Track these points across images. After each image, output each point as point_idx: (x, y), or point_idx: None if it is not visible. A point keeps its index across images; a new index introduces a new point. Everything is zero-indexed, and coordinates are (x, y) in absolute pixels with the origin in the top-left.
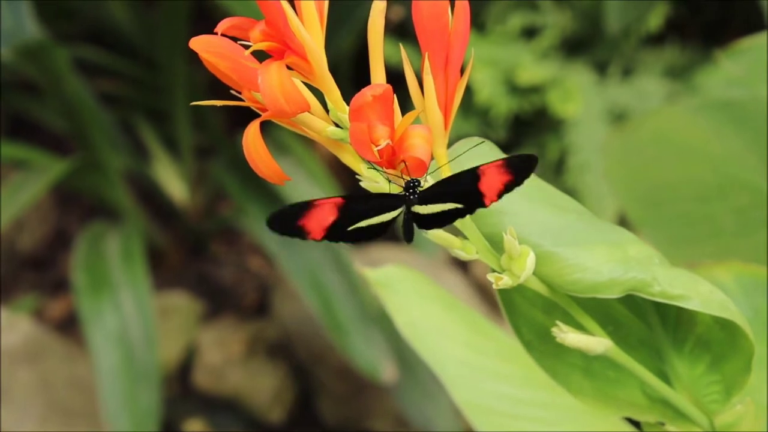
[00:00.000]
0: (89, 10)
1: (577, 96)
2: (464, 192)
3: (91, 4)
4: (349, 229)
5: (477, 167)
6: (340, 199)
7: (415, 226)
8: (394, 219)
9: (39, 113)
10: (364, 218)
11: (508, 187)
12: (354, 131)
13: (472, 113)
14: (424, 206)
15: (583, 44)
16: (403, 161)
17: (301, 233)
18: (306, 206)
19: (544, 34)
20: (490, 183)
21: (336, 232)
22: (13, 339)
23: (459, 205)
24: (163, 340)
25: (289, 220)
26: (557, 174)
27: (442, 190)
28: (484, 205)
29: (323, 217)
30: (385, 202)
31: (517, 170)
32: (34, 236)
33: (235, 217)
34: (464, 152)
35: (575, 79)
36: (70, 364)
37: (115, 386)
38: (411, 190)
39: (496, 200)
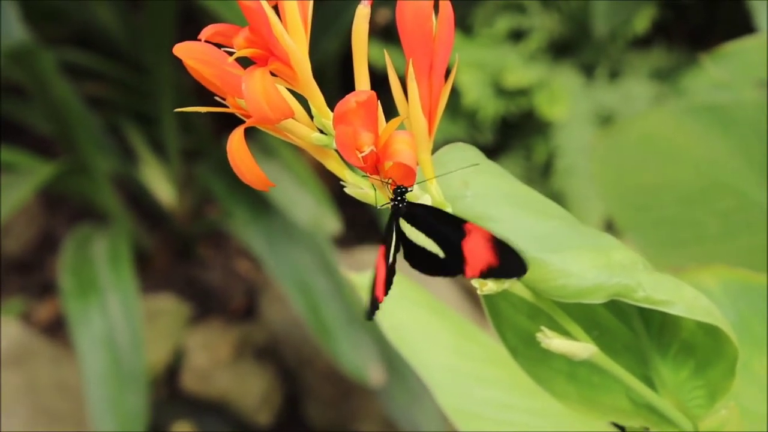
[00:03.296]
0: (76, 13)
1: (564, 98)
2: (447, 240)
3: (77, 7)
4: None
5: (464, 221)
6: (381, 247)
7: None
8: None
9: (26, 116)
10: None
11: (491, 272)
12: (340, 135)
13: (459, 116)
14: (410, 228)
15: (570, 47)
16: (389, 177)
17: (378, 305)
18: (373, 282)
19: (531, 37)
20: (475, 252)
21: (389, 279)
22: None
23: (441, 253)
24: (150, 343)
25: (374, 303)
26: (544, 177)
27: (428, 219)
28: (465, 275)
29: (380, 275)
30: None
31: (506, 263)
32: (21, 239)
33: (223, 220)
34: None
35: (562, 82)
36: (57, 368)
37: (102, 389)
38: (399, 197)
39: (477, 277)
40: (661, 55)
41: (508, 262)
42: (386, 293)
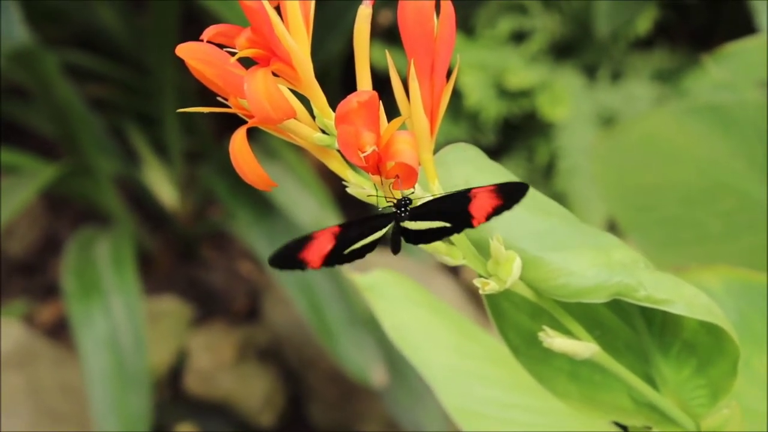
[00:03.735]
0: (78, 14)
1: (566, 100)
2: (454, 212)
3: (79, 9)
4: (345, 252)
5: (469, 189)
6: (336, 228)
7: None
8: (385, 233)
9: (28, 118)
10: (358, 240)
11: (497, 211)
12: (342, 134)
13: (461, 117)
14: (413, 222)
15: (572, 48)
16: (395, 176)
17: (301, 265)
18: (305, 240)
19: (533, 38)
20: (480, 205)
21: (332, 259)
22: (3, 344)
23: (447, 224)
24: (153, 344)
25: (289, 256)
26: (546, 178)
27: (433, 209)
28: (471, 226)
29: (321, 247)
30: (378, 222)
31: (508, 196)
32: (24, 241)
33: (225, 222)
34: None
35: (564, 83)
36: (60, 369)
37: (105, 391)
38: (403, 208)
39: (484, 221)
40: (662, 56)
41: (511, 194)
42: (319, 267)
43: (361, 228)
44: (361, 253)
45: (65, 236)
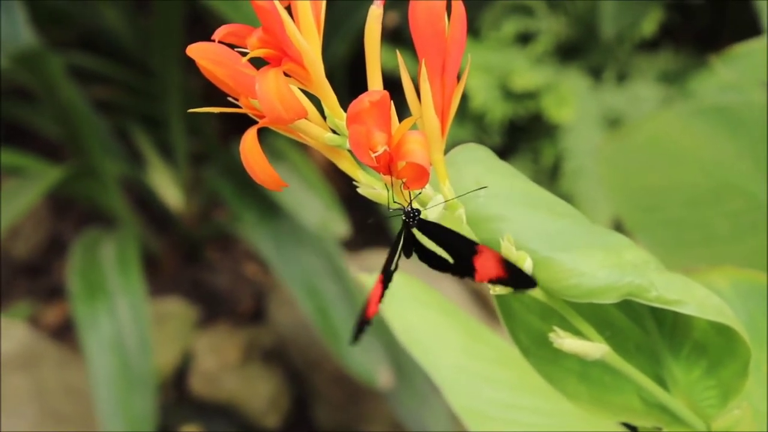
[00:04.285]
0: (83, 16)
1: (572, 101)
2: (459, 254)
3: (85, 11)
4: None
5: (476, 244)
6: (380, 276)
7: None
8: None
9: (33, 120)
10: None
11: (498, 281)
12: (353, 134)
13: (467, 119)
14: (421, 234)
15: (578, 50)
16: (404, 183)
17: (369, 322)
18: (365, 308)
19: (538, 40)
20: (485, 264)
21: (384, 293)
22: (7, 345)
23: (450, 260)
24: (158, 346)
25: (362, 326)
26: (552, 179)
27: (441, 235)
28: (473, 279)
29: (375, 297)
30: (398, 240)
31: (514, 279)
32: (29, 243)
33: (230, 224)
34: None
35: (570, 85)
36: (65, 371)
37: (110, 392)
38: (411, 218)
39: (485, 282)
40: (668, 57)
41: (517, 278)
42: (377, 310)
43: (392, 257)
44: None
45: (70, 238)
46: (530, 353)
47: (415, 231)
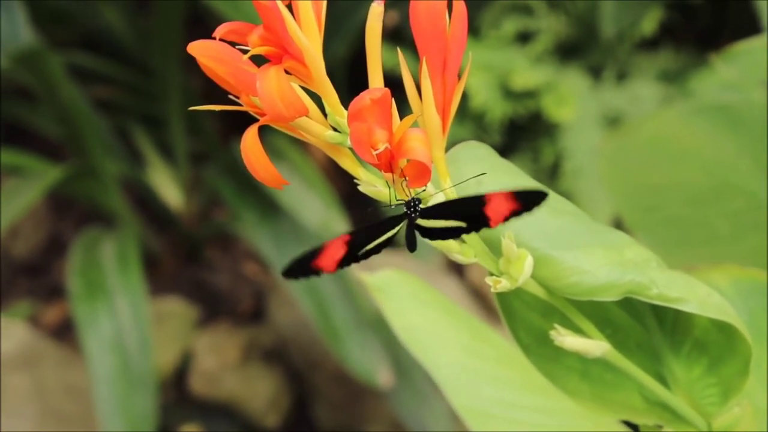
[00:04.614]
0: (84, 16)
1: (572, 100)
2: (469, 214)
3: (85, 11)
4: (359, 254)
5: (483, 195)
6: (346, 236)
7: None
8: (397, 232)
9: (34, 120)
10: (370, 242)
11: (515, 214)
12: (354, 131)
13: (467, 118)
14: (427, 221)
15: (578, 49)
16: (403, 175)
17: (316, 272)
18: (316, 251)
19: (538, 39)
20: (497, 208)
21: (347, 261)
22: (7, 345)
23: (462, 224)
24: (158, 345)
25: (304, 266)
26: (552, 178)
27: (446, 211)
28: (489, 226)
29: (334, 254)
30: (388, 225)
31: (526, 201)
32: (29, 242)
33: (230, 223)
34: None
35: (570, 84)
36: (65, 370)
37: (110, 392)
38: (413, 209)
39: (502, 223)
40: (668, 56)
41: (529, 198)
42: (334, 270)
43: (372, 233)
44: (375, 252)
45: (70, 237)
46: (531, 351)
47: (420, 222)
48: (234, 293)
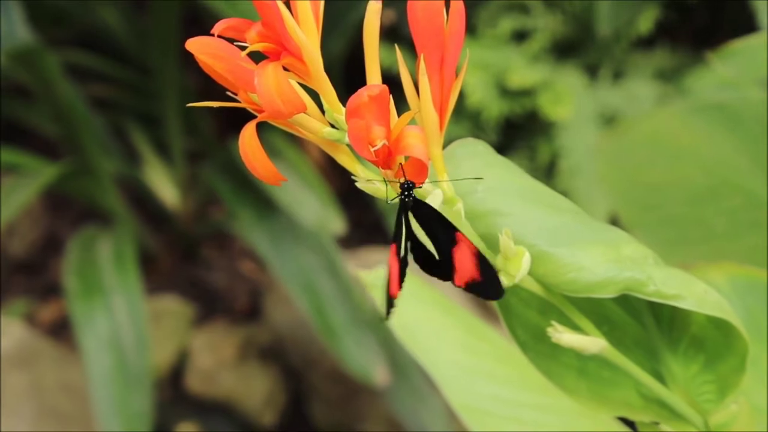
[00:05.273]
0: (80, 15)
1: (568, 99)
2: (441, 245)
3: (82, 9)
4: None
5: (456, 230)
6: (392, 245)
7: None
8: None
9: (30, 118)
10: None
11: (472, 286)
12: (352, 128)
13: (463, 116)
14: (414, 221)
15: (574, 47)
16: (400, 166)
17: (394, 302)
18: (387, 283)
19: (534, 38)
20: (462, 262)
21: (403, 271)
22: (4, 343)
23: (436, 255)
24: (155, 344)
25: (391, 302)
26: (548, 177)
27: (430, 216)
28: (454, 283)
29: (394, 272)
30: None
31: (485, 284)
32: (26, 241)
33: (227, 222)
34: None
35: (566, 82)
36: (62, 369)
37: (107, 390)
38: (407, 191)
39: (462, 288)
40: (664, 55)
41: (488, 282)
42: (400, 287)
43: (401, 230)
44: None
45: (67, 236)
46: (528, 348)
47: (410, 217)
48: (231, 291)
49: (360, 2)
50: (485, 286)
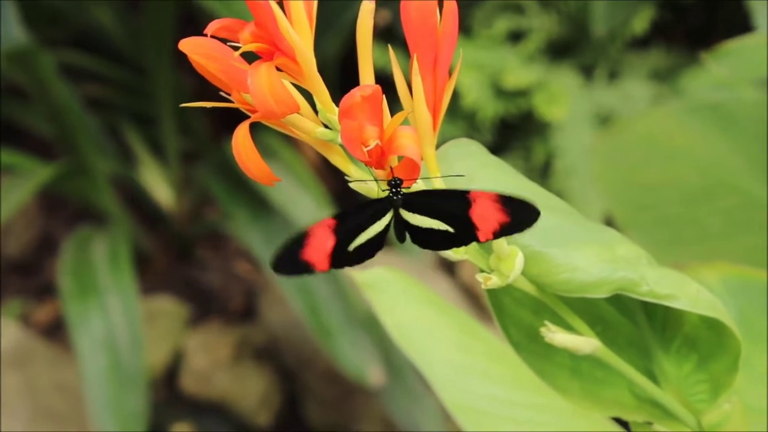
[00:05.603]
0: (75, 15)
1: (563, 99)
2: (454, 215)
3: (77, 10)
4: (351, 249)
5: (468, 192)
6: (330, 220)
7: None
8: (389, 225)
9: (25, 118)
10: (360, 232)
11: (504, 231)
12: (345, 129)
13: (458, 117)
14: (412, 215)
15: (569, 48)
16: (391, 166)
17: (307, 269)
18: (302, 237)
19: (530, 38)
20: (484, 216)
21: (339, 257)
22: None
23: (450, 228)
24: (149, 344)
25: (293, 258)
26: (543, 177)
27: (428, 201)
28: (479, 240)
29: (322, 244)
30: (375, 208)
31: (517, 216)
32: (20, 241)
33: (222, 222)
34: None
35: (561, 83)
36: (57, 369)
37: (101, 391)
38: (395, 189)
39: (491, 239)
40: (659, 55)
41: (520, 212)
42: (327, 269)
43: (359, 217)
44: (370, 249)
45: (61, 236)
46: (521, 348)
47: (403, 212)
48: (225, 292)
49: (354, 2)
50: (519, 219)
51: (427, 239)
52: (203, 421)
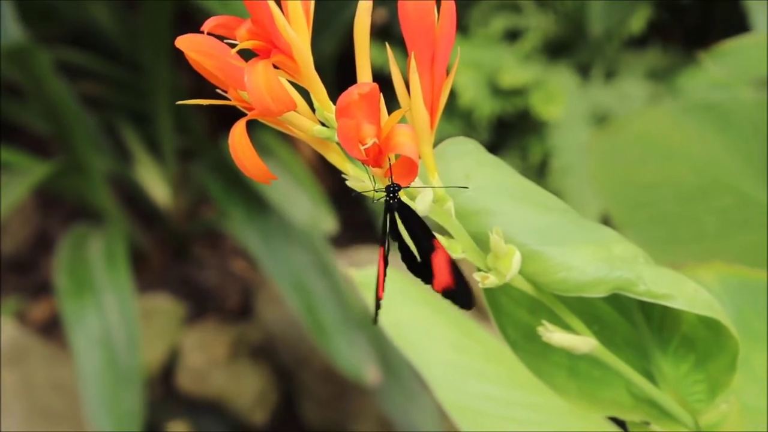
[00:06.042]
0: (72, 12)
1: (560, 98)
2: (423, 248)
3: (73, 7)
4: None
5: (433, 238)
6: (381, 251)
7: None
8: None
9: (22, 116)
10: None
11: (447, 293)
12: (342, 127)
13: (455, 116)
14: (401, 223)
15: (566, 47)
16: (389, 163)
17: (380, 304)
18: (377, 286)
19: (526, 37)
20: (439, 268)
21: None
22: None
23: (417, 256)
24: (145, 342)
25: (378, 305)
26: (540, 176)
27: (413, 220)
28: (433, 287)
29: (382, 275)
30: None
31: (458, 291)
32: (17, 239)
33: (218, 220)
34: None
35: (558, 82)
36: (53, 367)
37: (97, 389)
38: (392, 194)
39: (440, 293)
40: (656, 55)
41: (460, 291)
42: (384, 289)
43: (394, 235)
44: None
45: (58, 234)
46: (518, 347)
47: (397, 219)
48: (222, 290)
49: (351, 1)
50: (458, 295)
51: (407, 257)
52: (199, 420)
